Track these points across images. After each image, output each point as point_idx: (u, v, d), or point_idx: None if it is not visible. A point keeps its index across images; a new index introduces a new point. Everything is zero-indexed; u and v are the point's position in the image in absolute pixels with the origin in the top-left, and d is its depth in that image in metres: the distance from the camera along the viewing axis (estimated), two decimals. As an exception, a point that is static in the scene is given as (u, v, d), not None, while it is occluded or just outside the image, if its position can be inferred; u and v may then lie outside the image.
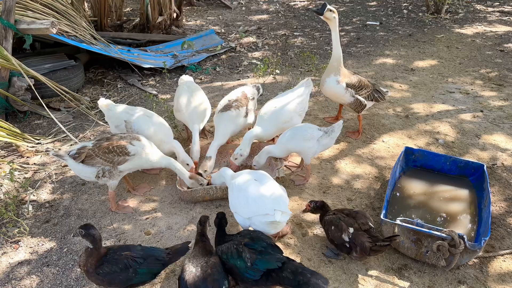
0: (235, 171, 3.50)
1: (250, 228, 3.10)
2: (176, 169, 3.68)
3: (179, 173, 3.71)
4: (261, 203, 2.96)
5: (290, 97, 4.16)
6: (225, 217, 3.19)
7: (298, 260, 3.17)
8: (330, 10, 4.18)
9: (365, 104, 4.54)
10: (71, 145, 4.71)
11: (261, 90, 4.65)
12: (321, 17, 4.24)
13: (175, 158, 3.88)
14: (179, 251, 2.92)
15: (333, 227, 3.07)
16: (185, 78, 4.60)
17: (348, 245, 2.97)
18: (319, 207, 3.34)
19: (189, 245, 2.97)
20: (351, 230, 2.97)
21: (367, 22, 9.51)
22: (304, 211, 3.42)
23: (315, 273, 2.58)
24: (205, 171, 3.90)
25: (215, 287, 2.58)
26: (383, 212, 3.18)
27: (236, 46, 8.01)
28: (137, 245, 2.93)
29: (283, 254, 2.77)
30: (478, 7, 10.35)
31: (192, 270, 2.66)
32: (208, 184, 3.76)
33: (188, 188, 3.75)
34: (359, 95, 4.47)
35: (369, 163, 4.33)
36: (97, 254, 2.72)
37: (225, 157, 4.32)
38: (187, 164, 3.91)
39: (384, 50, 7.72)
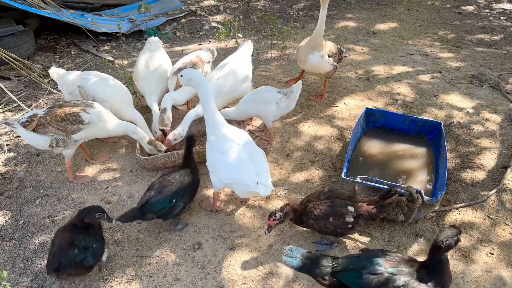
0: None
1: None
2: (134, 133, 3.55)
3: (138, 138, 3.59)
4: (244, 173, 2.82)
5: (231, 65, 3.99)
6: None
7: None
8: None
9: (336, 67, 4.54)
10: (22, 115, 4.46)
11: (215, 53, 4.51)
12: None
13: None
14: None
15: (331, 219, 2.79)
16: (152, 40, 4.31)
17: (351, 225, 2.82)
18: (287, 215, 2.83)
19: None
20: (351, 209, 2.78)
21: (330, -15, 9.39)
22: (269, 229, 2.81)
23: None
24: (166, 124, 3.70)
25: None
26: (344, 171, 3.22)
27: (196, 10, 7.75)
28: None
29: None
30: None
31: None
32: (167, 150, 3.68)
33: (149, 155, 3.66)
34: (335, 61, 4.45)
35: (331, 125, 4.35)
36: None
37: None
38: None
39: (346, 13, 7.67)
